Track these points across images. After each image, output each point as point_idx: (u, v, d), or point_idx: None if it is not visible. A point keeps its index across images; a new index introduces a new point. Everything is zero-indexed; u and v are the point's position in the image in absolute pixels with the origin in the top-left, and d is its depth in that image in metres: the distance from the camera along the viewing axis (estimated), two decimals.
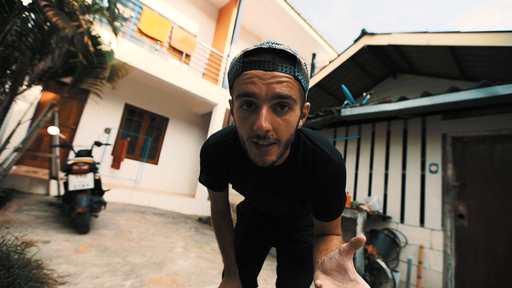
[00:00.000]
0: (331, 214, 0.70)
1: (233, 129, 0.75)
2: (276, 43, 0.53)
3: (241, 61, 0.53)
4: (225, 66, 6.56)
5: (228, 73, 0.57)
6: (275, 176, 0.71)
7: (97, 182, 2.98)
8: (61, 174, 4.06)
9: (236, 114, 0.56)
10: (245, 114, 0.53)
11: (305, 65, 0.55)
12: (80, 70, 3.44)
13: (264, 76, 0.49)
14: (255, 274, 1.05)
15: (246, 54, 0.52)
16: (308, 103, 0.61)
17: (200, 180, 0.86)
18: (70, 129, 5.40)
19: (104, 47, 3.60)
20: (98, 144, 3.23)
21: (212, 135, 0.79)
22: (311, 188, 0.70)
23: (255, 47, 0.52)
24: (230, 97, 0.60)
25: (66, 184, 2.77)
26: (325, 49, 8.82)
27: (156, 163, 6.56)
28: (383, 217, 3.21)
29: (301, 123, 0.61)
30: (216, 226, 0.95)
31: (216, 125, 5.94)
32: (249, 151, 0.56)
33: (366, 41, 4.24)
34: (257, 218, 1.04)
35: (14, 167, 4.47)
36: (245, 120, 0.53)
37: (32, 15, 2.81)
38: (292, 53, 0.52)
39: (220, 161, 0.76)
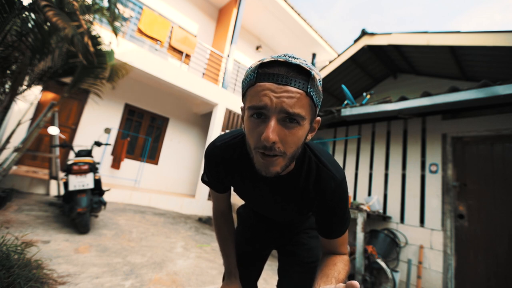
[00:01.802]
0: (334, 231, 0.71)
1: (241, 133, 0.76)
2: (293, 57, 0.53)
3: (255, 72, 0.53)
4: (225, 66, 6.56)
5: (242, 82, 0.58)
6: (279, 186, 0.72)
7: (97, 182, 2.98)
8: (61, 174, 4.06)
9: (246, 122, 0.57)
10: (255, 123, 0.54)
11: (320, 81, 0.55)
12: (80, 70, 3.44)
13: (277, 89, 0.50)
14: (255, 277, 1.04)
15: (262, 65, 0.53)
16: (319, 118, 0.62)
17: (203, 180, 0.85)
18: (70, 129, 5.39)
19: (104, 47, 3.60)
20: (98, 144, 3.23)
21: (219, 137, 0.79)
22: (313, 202, 0.71)
23: (271, 59, 0.53)
24: (242, 105, 0.61)
25: (66, 184, 2.77)
26: (325, 49, 8.81)
27: (156, 163, 6.56)
28: (383, 217, 3.21)
29: (309, 137, 0.61)
30: (217, 227, 0.94)
31: (216, 125, 5.94)
32: (255, 160, 0.57)
33: (366, 41, 4.25)
34: (258, 222, 1.04)
35: (14, 167, 4.47)
36: (254, 130, 0.54)
37: (32, 15, 2.81)
38: (308, 68, 0.52)
39: (226, 164, 0.76)
